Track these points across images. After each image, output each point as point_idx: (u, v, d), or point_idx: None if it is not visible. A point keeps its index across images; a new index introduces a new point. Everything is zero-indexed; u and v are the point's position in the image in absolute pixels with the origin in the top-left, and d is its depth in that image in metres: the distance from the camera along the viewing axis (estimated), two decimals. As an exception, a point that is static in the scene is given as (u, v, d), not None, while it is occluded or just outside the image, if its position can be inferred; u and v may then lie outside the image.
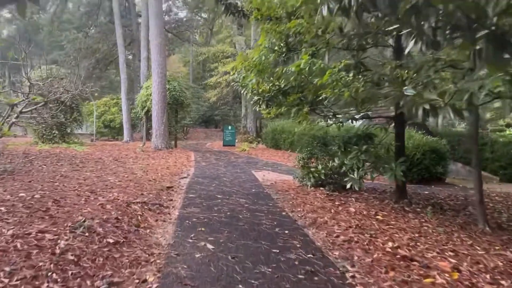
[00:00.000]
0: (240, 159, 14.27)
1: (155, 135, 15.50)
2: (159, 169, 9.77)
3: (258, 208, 6.02)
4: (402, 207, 6.40)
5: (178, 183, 8.17)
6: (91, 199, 5.45)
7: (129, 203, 5.44)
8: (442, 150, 10.60)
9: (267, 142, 18.89)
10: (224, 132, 21.36)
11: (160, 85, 15.22)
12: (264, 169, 11.59)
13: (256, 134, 24.03)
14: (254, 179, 9.45)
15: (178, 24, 38.62)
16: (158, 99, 15.27)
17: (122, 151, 14.27)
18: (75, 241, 3.62)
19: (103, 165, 9.85)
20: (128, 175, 8.30)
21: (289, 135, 16.38)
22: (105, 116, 24.20)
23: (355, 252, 4.02)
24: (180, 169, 10.38)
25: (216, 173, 10.23)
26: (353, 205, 6.39)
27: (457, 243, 4.52)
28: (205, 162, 12.66)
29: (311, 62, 4.92)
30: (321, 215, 5.62)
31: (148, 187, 7.11)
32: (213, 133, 35.28)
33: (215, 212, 5.63)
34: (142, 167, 9.87)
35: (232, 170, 10.94)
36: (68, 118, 15.51)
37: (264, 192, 7.58)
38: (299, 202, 6.57)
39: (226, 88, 24.74)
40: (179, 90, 16.78)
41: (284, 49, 6.62)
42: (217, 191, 7.39)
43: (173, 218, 5.23)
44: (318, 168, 7.20)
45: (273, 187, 8.26)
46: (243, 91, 8.56)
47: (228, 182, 8.64)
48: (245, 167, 11.98)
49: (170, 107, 16.64)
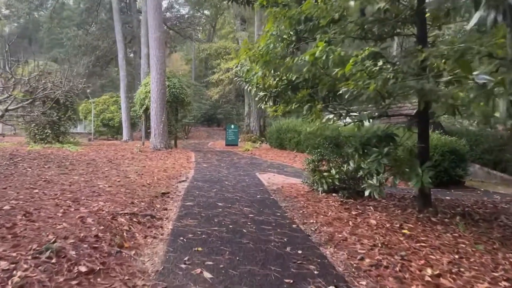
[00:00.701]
0: (243, 160, 13.50)
1: (153, 135, 14.75)
2: (155, 172, 9.01)
3: (264, 220, 5.25)
4: (428, 218, 5.61)
5: (175, 188, 7.41)
6: (71, 210, 4.70)
7: (115, 215, 4.68)
8: (462, 151, 9.80)
9: (271, 141, 18.09)
10: (227, 131, 20.59)
11: (159, 82, 14.46)
12: (269, 171, 10.82)
13: (260, 133, 23.23)
14: (259, 182, 8.68)
15: (179, 21, 37.83)
16: (157, 96, 14.50)
17: (119, 152, 13.54)
18: (36, 271, 2.86)
19: (95, 167, 9.10)
20: (120, 179, 7.55)
21: (295, 135, 15.58)
22: (104, 114, 23.46)
23: (387, 283, 3.24)
24: (178, 172, 9.62)
25: (217, 176, 9.47)
26: (372, 215, 5.61)
27: (506, 266, 3.73)
28: (206, 164, 11.90)
29: (329, 49, 4.13)
30: (338, 228, 4.84)
31: (140, 193, 6.35)
32: (216, 132, 34.52)
33: (215, 225, 4.86)
34: (138, 170, 9.12)
35: (235, 173, 10.17)
36: (62, 117, 14.75)
37: (270, 199, 6.81)
38: (310, 212, 5.80)
39: (229, 86, 23.95)
40: (179, 87, 16.00)
41: (294, 38, 5.84)
42: (218, 198, 6.62)
43: (165, 233, 4.47)
44: (332, 173, 6.41)
45: (280, 193, 7.49)
46: (246, 87, 7.80)
47: (230, 187, 7.87)
48: (249, 169, 11.22)
49: (169, 105, 15.88)
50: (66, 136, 15.61)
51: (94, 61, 31.96)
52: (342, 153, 7.29)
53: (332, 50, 4.17)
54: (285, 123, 16.59)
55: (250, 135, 23.01)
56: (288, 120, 16.78)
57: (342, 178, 6.45)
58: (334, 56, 4.16)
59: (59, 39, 39.00)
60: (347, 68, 3.73)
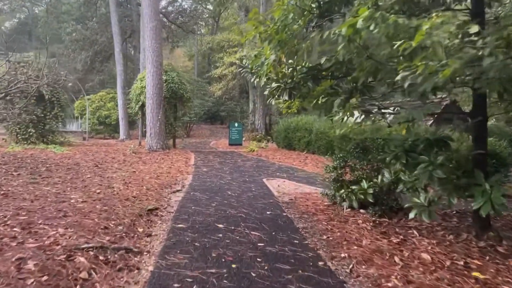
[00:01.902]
0: (248, 163, 12.17)
1: (149, 134, 13.43)
2: (146, 180, 7.70)
3: (279, 253, 3.92)
4: (493, 247, 4.25)
5: (167, 202, 6.09)
6: (11, 245, 3.39)
7: (74, 252, 3.37)
8: (502, 154, 8.41)
9: (278, 141, 16.68)
10: (230, 129, 19.20)
11: (155, 76, 13.13)
12: (278, 176, 9.49)
13: (265, 132, 21.87)
14: (268, 192, 7.36)
15: (181, 14, 36.44)
16: (153, 92, 13.17)
17: (110, 153, 12.24)
18: None
19: (75, 173, 7.80)
20: (101, 191, 6.24)
21: (305, 134, 14.19)
22: (100, 112, 22.16)
23: None
24: (174, 178, 8.31)
25: (219, 183, 8.14)
26: (420, 244, 4.26)
27: None
28: (206, 167, 10.58)
29: (380, 15, 2.78)
30: (382, 270, 3.50)
31: (121, 211, 5.04)
32: (219, 130, 33.19)
33: (212, 263, 3.54)
34: (126, 176, 7.81)
35: (240, 179, 8.84)
36: (47, 114, 13.45)
37: (283, 216, 5.48)
38: (338, 238, 4.46)
39: (232, 81, 22.55)
40: (178, 81, 14.63)
41: (316, 12, 4.48)
42: (218, 216, 5.30)
43: (141, 281, 3.14)
44: (362, 186, 5.04)
45: (295, 207, 6.16)
46: (252, 79, 6.42)
47: (234, 198, 6.55)
48: (255, 173, 9.88)
49: (167, 102, 14.54)
50: (54, 135, 14.26)
51: (93, 56, 30.70)
52: (370, 160, 5.95)
53: (383, 17, 2.81)
54: (293, 121, 15.20)
55: (255, 133, 21.66)
56: (297, 118, 15.41)
57: (376, 194, 5.08)
58: (385, 27, 2.80)
59: (58, 34, 37.96)
60: (417, 39, 2.38)
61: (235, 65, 19.90)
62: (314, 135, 13.45)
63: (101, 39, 29.15)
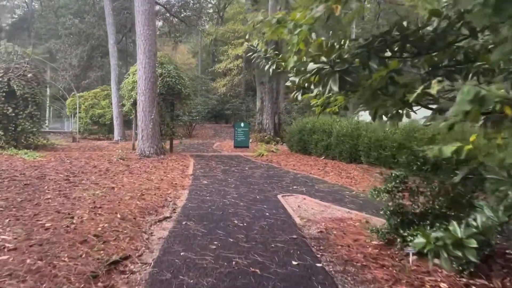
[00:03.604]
0: (257, 171, 10.25)
1: (140, 137, 11.53)
2: (125, 201, 5.81)
3: None
4: None
5: (145, 242, 4.19)
6: None
7: None
8: None
9: (291, 144, 14.61)
10: (236, 130, 17.23)
11: (148, 67, 11.23)
12: (296, 190, 7.60)
13: (274, 133, 19.89)
14: (287, 218, 5.45)
15: (184, 8, 34.54)
16: (145, 87, 11.28)
17: (93, 160, 10.35)
18: None
19: (32, 193, 5.93)
20: (52, 223, 4.36)
21: (323, 136, 12.19)
22: (93, 110, 20.29)
23: None
24: (163, 197, 6.42)
25: (222, 203, 6.24)
26: None
27: None
28: (207, 179, 8.67)
29: None
30: None
31: (64, 269, 3.15)
32: (223, 130, 31.27)
33: None
34: (98, 196, 5.93)
35: (249, 195, 6.94)
36: (20, 113, 11.56)
37: (318, 271, 3.56)
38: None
39: (238, 76, 20.58)
40: (175, 75, 12.68)
41: None
42: (219, 273, 3.39)
43: None
44: (455, 233, 3.06)
45: (330, 247, 4.25)
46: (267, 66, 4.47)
47: (242, 233, 4.65)
48: (267, 187, 7.97)
49: (163, 99, 12.62)
50: (30, 137, 12.22)
51: (89, 51, 28.90)
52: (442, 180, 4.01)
53: None
54: (309, 121, 13.20)
55: (263, 134, 19.70)
56: (313, 118, 13.44)
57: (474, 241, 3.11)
58: None
59: (56, 29, 36.48)
60: None
61: (241, 58, 17.94)
62: (335, 138, 11.48)
63: (98, 33, 27.37)
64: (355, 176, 9.57)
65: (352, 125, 10.98)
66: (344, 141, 11.04)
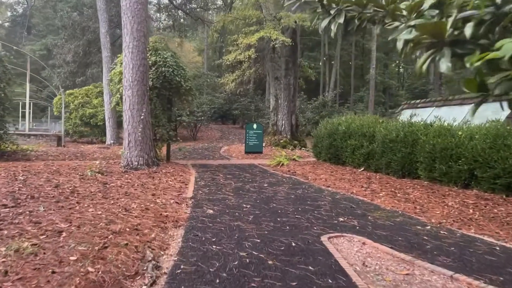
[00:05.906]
0: (281, 189, 7.59)
1: (127, 143, 8.87)
2: (65, 264, 3.16)
3: None
4: None
5: None
6: None
7: None
8: None
9: (319, 151, 11.59)
10: (247, 133, 14.51)
11: (136, 52, 8.61)
12: (344, 224, 4.96)
13: (291, 135, 17.17)
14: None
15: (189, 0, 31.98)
16: (132, 78, 8.66)
17: (60, 175, 7.68)
18: None
19: None
20: None
21: (363, 141, 9.39)
22: (84, 110, 17.73)
23: None
24: (140, 250, 3.78)
25: (237, 263, 3.58)
26: None
27: None
28: (213, 206, 6.00)
29: None
30: None
31: None
32: (231, 131, 28.62)
33: None
34: (21, 256, 3.29)
35: (278, 242, 4.25)
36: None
37: None
38: None
39: (249, 70, 17.92)
40: (173, 65, 10.02)
41: None
42: None
43: None
44: None
45: None
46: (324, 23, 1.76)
47: None
48: (301, 219, 5.31)
49: (157, 94, 9.95)
50: (5, 140, 9.87)
51: (85, 45, 26.48)
52: None
53: None
54: (342, 122, 10.41)
55: (278, 137, 17.00)
56: (347, 118, 10.71)
57: None
58: None
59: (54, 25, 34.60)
60: None
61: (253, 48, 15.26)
62: (380, 144, 8.73)
63: (93, 25, 24.92)
64: (417, 198, 6.87)
65: (405, 128, 8.25)
66: (393, 148, 8.29)
